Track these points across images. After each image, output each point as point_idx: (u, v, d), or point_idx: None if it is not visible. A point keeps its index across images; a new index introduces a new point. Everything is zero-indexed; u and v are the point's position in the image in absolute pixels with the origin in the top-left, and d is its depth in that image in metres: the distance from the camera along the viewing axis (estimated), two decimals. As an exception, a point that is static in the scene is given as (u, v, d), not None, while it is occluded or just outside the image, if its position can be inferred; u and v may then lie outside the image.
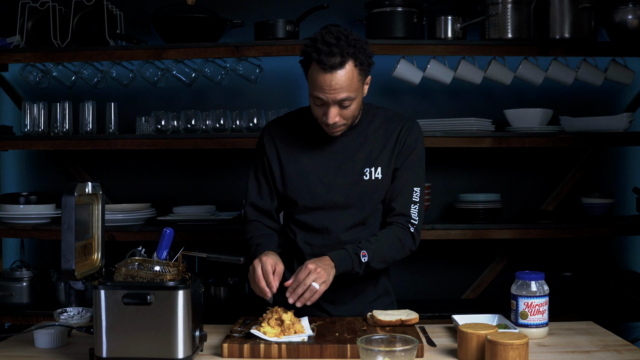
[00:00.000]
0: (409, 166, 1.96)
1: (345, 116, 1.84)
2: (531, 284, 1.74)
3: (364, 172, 1.93)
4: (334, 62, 1.75)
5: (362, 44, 1.80)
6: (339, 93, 1.78)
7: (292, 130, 2.00)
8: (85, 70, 3.02)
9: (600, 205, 2.97)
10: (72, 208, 1.48)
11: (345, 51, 1.75)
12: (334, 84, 1.77)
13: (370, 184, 1.93)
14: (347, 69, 1.77)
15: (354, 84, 1.79)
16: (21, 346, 1.73)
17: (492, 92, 3.15)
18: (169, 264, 1.57)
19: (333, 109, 1.81)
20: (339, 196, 1.92)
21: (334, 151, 1.94)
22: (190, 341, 1.52)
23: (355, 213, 1.93)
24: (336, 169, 1.93)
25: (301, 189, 1.94)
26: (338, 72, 1.76)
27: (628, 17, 2.83)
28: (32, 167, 3.31)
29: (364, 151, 1.94)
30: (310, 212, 1.94)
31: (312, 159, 1.95)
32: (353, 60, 1.77)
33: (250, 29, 2.98)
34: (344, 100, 1.80)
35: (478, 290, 3.19)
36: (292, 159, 1.96)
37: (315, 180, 1.93)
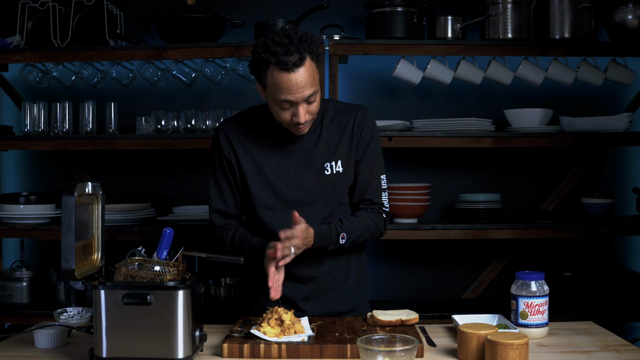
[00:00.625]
0: (372, 156, 1.96)
1: (312, 112, 1.83)
2: (531, 284, 1.74)
3: (325, 166, 1.92)
4: (295, 60, 1.74)
5: (311, 37, 1.80)
6: (306, 90, 1.77)
7: (247, 130, 1.97)
8: (85, 70, 3.02)
9: (600, 205, 2.97)
10: (72, 208, 1.48)
11: (300, 47, 1.74)
12: (299, 82, 1.75)
13: (333, 178, 1.92)
14: (307, 64, 1.76)
15: (315, 78, 1.80)
16: (21, 346, 1.73)
17: (492, 92, 3.15)
18: (169, 264, 1.57)
19: (302, 108, 1.80)
20: (303, 193, 1.91)
21: (292, 149, 1.93)
22: (190, 341, 1.52)
23: (320, 209, 1.92)
24: (297, 167, 1.92)
25: (263, 189, 1.92)
26: (300, 70, 1.75)
27: (628, 17, 2.83)
28: (32, 167, 3.31)
29: (322, 146, 1.93)
30: (274, 212, 1.92)
31: (271, 158, 1.93)
32: (309, 55, 1.77)
33: (250, 29, 2.98)
34: (310, 96, 1.79)
35: (478, 290, 3.19)
36: (250, 159, 1.94)
37: (276, 179, 1.92)
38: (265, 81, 1.81)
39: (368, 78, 3.19)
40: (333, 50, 2.78)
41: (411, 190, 2.86)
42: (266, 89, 1.83)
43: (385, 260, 3.22)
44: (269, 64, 1.76)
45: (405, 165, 3.19)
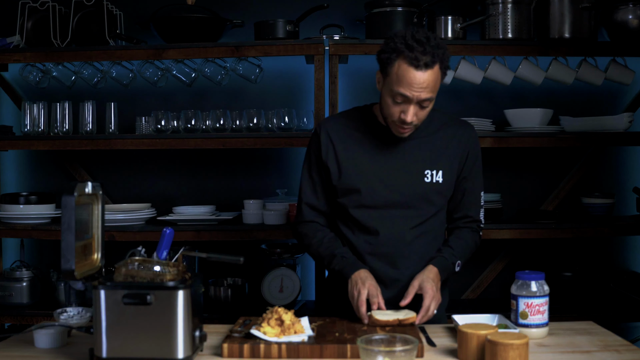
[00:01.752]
0: (477, 173, 2.02)
1: (420, 117, 1.85)
2: (531, 284, 1.73)
3: (425, 173, 1.93)
4: (427, 61, 1.76)
5: (445, 47, 1.81)
6: (425, 92, 1.78)
7: (349, 128, 2.00)
8: (85, 70, 3.02)
9: (600, 205, 2.97)
10: (72, 208, 1.48)
11: (435, 52, 1.76)
12: (422, 82, 1.77)
13: (431, 187, 1.94)
14: (435, 69, 1.78)
15: (437, 86, 1.81)
16: (21, 346, 1.72)
17: (492, 92, 3.15)
18: (169, 264, 1.57)
19: (413, 108, 1.81)
20: (399, 196, 1.93)
21: (393, 151, 1.94)
22: (190, 341, 1.52)
23: (413, 215, 1.94)
24: (396, 169, 1.93)
25: (360, 186, 1.93)
26: (428, 72, 1.77)
27: (628, 17, 2.83)
28: (32, 167, 3.31)
29: (425, 152, 1.95)
30: (367, 211, 1.94)
31: (371, 158, 1.94)
32: (440, 63, 1.78)
33: (250, 29, 2.98)
34: (425, 100, 1.80)
35: (478, 290, 3.19)
36: (350, 157, 1.96)
37: (374, 178, 1.93)
38: (390, 70, 1.81)
39: (368, 78, 3.19)
40: (333, 50, 2.78)
41: (411, 190, 2.85)
42: (387, 78, 1.83)
43: (385, 260, 3.22)
44: (401, 55, 1.78)
45: (405, 165, 3.18)
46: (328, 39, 2.82)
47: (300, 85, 3.19)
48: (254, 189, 3.19)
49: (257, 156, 3.21)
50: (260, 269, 3.00)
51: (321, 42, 2.79)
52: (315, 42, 2.79)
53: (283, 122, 2.89)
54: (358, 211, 1.95)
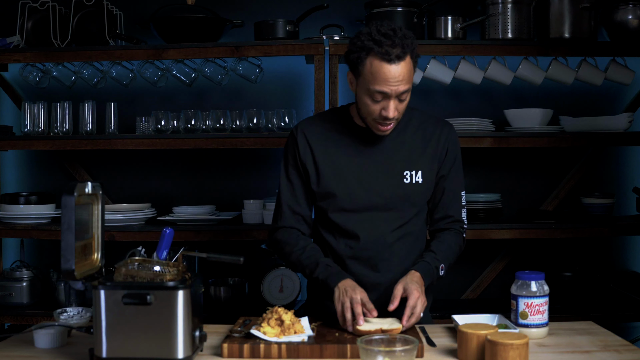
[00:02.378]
0: (456, 172, 1.99)
1: (400, 111, 1.83)
2: (531, 284, 1.73)
3: (404, 174, 1.91)
4: (398, 53, 1.73)
5: (413, 37, 1.79)
6: (401, 85, 1.76)
7: (326, 130, 1.96)
8: (85, 70, 3.02)
9: (600, 205, 2.97)
10: (72, 208, 1.48)
11: (404, 43, 1.74)
12: (398, 75, 1.75)
13: (411, 188, 1.92)
14: (407, 60, 1.76)
15: (411, 77, 1.79)
16: (21, 346, 1.72)
17: (492, 92, 3.15)
18: (169, 264, 1.57)
19: (393, 103, 1.79)
20: (379, 199, 1.90)
21: (372, 152, 1.92)
22: (190, 341, 1.52)
23: (395, 217, 1.91)
24: (376, 171, 1.91)
25: (338, 190, 1.90)
26: (401, 64, 1.75)
27: (628, 17, 2.83)
28: (32, 167, 3.31)
29: (404, 153, 1.92)
30: (347, 214, 1.91)
31: (350, 160, 1.92)
32: (410, 53, 1.77)
33: (250, 29, 2.98)
34: (403, 93, 1.78)
35: (478, 290, 3.19)
36: (328, 159, 1.92)
37: (353, 181, 1.90)
38: (362, 70, 1.78)
39: (368, 78, 3.18)
40: (333, 50, 2.78)
41: (411, 190, 2.85)
42: (359, 78, 1.81)
43: (385, 260, 3.22)
44: (371, 52, 1.75)
45: (405, 165, 3.18)
46: (328, 39, 2.82)
47: (300, 85, 3.19)
48: (254, 189, 3.19)
49: (257, 156, 3.21)
50: (260, 269, 3.00)
51: (321, 42, 2.79)
52: (315, 42, 2.79)
53: (283, 122, 2.89)
54: (338, 215, 1.92)
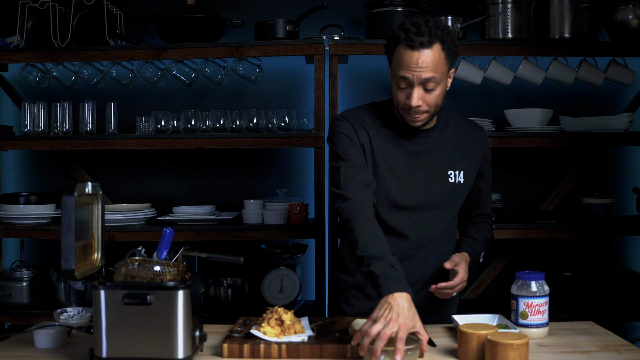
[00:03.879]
0: (489, 173, 2.07)
1: (428, 102, 1.80)
2: (531, 284, 1.73)
3: (449, 174, 1.93)
4: (423, 41, 1.74)
5: (450, 30, 1.79)
6: (424, 72, 1.75)
7: (379, 121, 1.93)
8: (85, 70, 3.02)
9: (600, 205, 2.97)
10: (72, 208, 1.48)
11: (433, 32, 1.75)
12: (420, 62, 1.74)
13: (455, 187, 1.94)
14: (434, 49, 1.75)
15: (440, 67, 1.77)
16: (21, 346, 1.72)
17: (492, 92, 3.15)
18: (169, 264, 1.57)
19: (417, 90, 1.78)
20: (427, 197, 1.92)
21: (418, 150, 1.92)
22: (190, 341, 1.52)
23: (440, 216, 1.94)
24: (423, 169, 1.92)
25: (392, 186, 1.89)
26: (425, 51, 1.74)
27: (628, 17, 2.83)
28: (32, 167, 3.31)
29: (446, 153, 1.94)
30: (398, 212, 1.91)
31: (400, 156, 1.91)
32: (440, 43, 1.76)
33: (250, 29, 2.98)
34: (428, 81, 1.77)
35: (478, 290, 3.19)
36: (381, 152, 1.89)
37: (404, 178, 1.90)
38: (392, 58, 1.82)
39: (368, 78, 3.19)
40: (333, 50, 2.78)
41: (411, 190, 2.85)
42: (390, 67, 1.84)
43: (385, 260, 3.22)
44: (399, 40, 1.77)
45: (405, 165, 3.18)
46: (328, 39, 2.82)
47: (300, 85, 3.19)
48: (254, 189, 3.19)
49: (257, 156, 3.21)
50: (260, 269, 3.00)
51: (321, 42, 2.79)
52: (315, 42, 2.79)
53: (283, 122, 2.89)
54: (388, 212, 1.90)
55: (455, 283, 1.81)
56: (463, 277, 1.83)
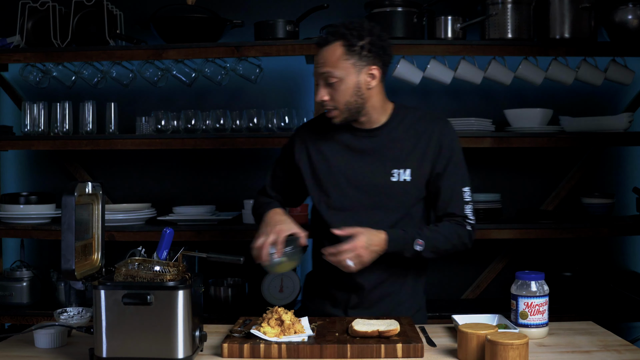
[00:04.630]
0: (454, 169, 1.96)
1: (333, 97, 1.87)
2: (531, 284, 1.74)
3: (392, 172, 1.92)
4: (322, 39, 1.88)
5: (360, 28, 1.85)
6: (322, 67, 1.87)
7: (321, 131, 2.01)
8: (85, 70, 3.02)
9: (600, 205, 2.97)
10: (72, 208, 1.48)
11: (340, 31, 1.85)
12: (319, 58, 1.88)
13: (399, 186, 1.92)
14: (333, 45, 1.85)
15: (339, 63, 1.84)
16: (21, 346, 1.73)
17: (492, 92, 3.15)
18: (169, 264, 1.57)
19: (321, 86, 1.89)
20: (368, 197, 1.92)
21: (361, 151, 1.94)
22: (190, 341, 1.52)
23: (384, 216, 1.92)
24: (364, 169, 1.93)
25: (330, 189, 1.95)
26: (325, 48, 1.87)
27: (628, 17, 2.83)
28: (32, 167, 3.31)
29: (393, 152, 1.93)
30: (336, 213, 1.94)
31: (341, 159, 1.95)
32: (342, 41, 1.84)
33: (250, 29, 2.98)
34: (327, 77, 1.86)
35: (478, 290, 3.19)
36: (322, 160, 1.98)
37: (342, 179, 1.94)
38: None
39: (368, 78, 3.19)
40: (333, 50, 2.78)
41: (411, 190, 2.85)
42: None
43: (385, 260, 3.22)
44: None
45: (405, 165, 3.18)
46: (328, 39, 2.82)
47: (300, 85, 3.19)
48: (254, 189, 3.17)
49: (257, 156, 3.21)
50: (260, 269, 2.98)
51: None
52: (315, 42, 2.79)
53: (283, 122, 2.89)
54: (329, 214, 1.95)
55: (341, 248, 1.78)
56: (353, 246, 1.78)
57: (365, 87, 1.87)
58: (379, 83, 1.91)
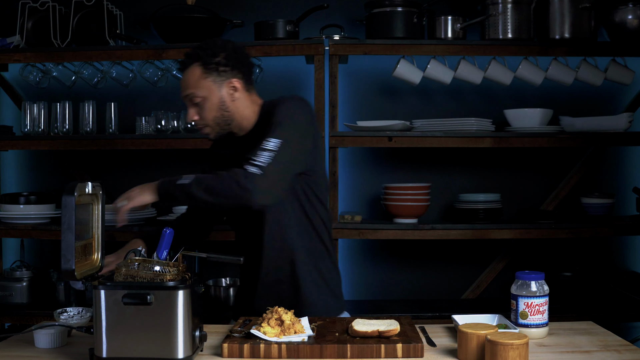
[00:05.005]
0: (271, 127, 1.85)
1: (202, 115, 1.94)
2: (531, 284, 1.74)
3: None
4: (184, 62, 1.95)
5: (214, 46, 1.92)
6: (185, 90, 1.94)
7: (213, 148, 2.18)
8: (85, 70, 3.02)
9: (600, 205, 2.97)
10: (72, 208, 1.48)
11: (195, 53, 1.93)
12: (182, 82, 1.96)
13: None
14: (192, 68, 1.93)
15: (199, 83, 1.91)
16: (21, 346, 1.73)
17: (492, 92, 3.15)
18: (169, 264, 1.57)
19: (189, 107, 1.95)
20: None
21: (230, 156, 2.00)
22: (190, 341, 1.52)
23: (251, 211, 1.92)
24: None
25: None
26: (185, 72, 1.94)
27: (628, 17, 2.83)
28: (32, 167, 3.31)
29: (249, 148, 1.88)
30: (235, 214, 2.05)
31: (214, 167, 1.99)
32: (199, 61, 1.91)
33: (250, 29, 2.98)
34: (192, 98, 1.93)
35: (478, 290, 3.19)
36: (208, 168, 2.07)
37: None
38: None
39: (368, 78, 3.19)
40: (333, 50, 2.78)
41: (411, 190, 2.86)
42: None
43: (385, 260, 3.22)
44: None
45: (405, 165, 3.19)
46: (328, 39, 2.82)
47: (300, 85, 3.19)
48: (254, 189, 3.18)
49: (257, 156, 3.21)
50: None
51: (321, 42, 2.79)
52: (315, 42, 2.79)
53: (283, 122, 2.89)
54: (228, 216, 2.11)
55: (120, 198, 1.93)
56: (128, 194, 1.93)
57: (229, 100, 1.94)
58: (244, 92, 1.96)
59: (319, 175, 1.99)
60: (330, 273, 2.04)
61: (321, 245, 2.00)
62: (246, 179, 1.77)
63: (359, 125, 2.88)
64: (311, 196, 1.96)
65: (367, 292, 3.22)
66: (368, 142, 2.82)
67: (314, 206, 1.97)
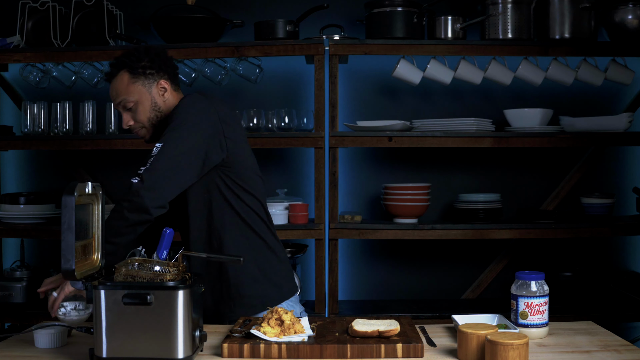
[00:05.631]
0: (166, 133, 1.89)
1: (138, 119, 1.99)
2: (531, 284, 1.73)
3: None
4: (108, 73, 1.99)
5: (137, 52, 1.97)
6: (116, 98, 1.98)
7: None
8: (85, 70, 3.02)
9: (600, 205, 2.97)
10: (72, 208, 1.48)
11: (118, 61, 1.97)
12: (112, 92, 1.99)
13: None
14: (118, 76, 1.97)
15: (129, 88, 1.96)
16: (21, 346, 1.73)
17: (492, 92, 3.15)
18: (169, 264, 1.57)
19: (123, 114, 2.00)
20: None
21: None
22: (190, 341, 1.52)
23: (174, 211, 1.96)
24: None
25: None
26: (112, 81, 1.99)
27: (628, 17, 2.83)
28: (32, 167, 3.31)
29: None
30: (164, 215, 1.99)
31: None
32: (125, 68, 1.96)
33: (250, 29, 2.98)
34: (124, 104, 1.97)
35: (478, 290, 3.19)
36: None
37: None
38: None
39: (368, 78, 3.19)
40: (333, 50, 2.79)
41: (411, 190, 2.86)
42: None
43: (385, 260, 3.22)
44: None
45: (405, 165, 3.19)
46: (328, 39, 2.82)
47: (300, 85, 3.19)
48: (254, 189, 3.18)
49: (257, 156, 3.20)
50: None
51: (321, 42, 2.79)
52: (315, 42, 2.79)
53: (283, 122, 2.89)
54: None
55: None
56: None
57: (161, 100, 2.00)
58: (172, 92, 2.02)
59: (242, 166, 1.99)
60: (269, 263, 2.00)
61: (254, 235, 1.98)
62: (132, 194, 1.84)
63: (359, 125, 2.88)
64: (234, 188, 1.95)
65: (367, 292, 3.22)
66: (368, 142, 2.82)
67: (239, 197, 1.96)
